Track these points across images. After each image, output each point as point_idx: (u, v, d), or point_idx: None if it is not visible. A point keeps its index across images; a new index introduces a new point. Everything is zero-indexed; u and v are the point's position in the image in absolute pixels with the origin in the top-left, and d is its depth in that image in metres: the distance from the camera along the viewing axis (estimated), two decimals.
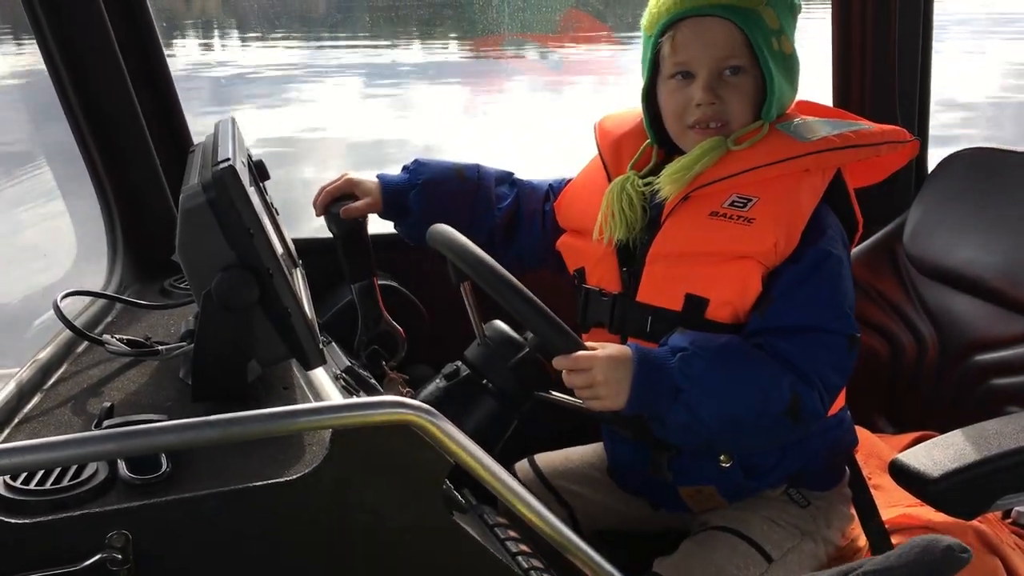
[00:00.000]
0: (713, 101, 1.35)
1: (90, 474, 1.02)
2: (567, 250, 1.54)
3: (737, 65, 1.34)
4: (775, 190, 1.31)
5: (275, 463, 1.06)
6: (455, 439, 1.02)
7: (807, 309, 1.29)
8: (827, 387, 1.29)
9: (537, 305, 1.22)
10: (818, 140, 1.32)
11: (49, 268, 2.65)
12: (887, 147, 1.38)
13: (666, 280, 1.35)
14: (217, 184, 1.13)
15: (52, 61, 1.75)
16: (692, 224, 1.34)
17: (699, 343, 1.26)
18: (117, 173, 1.83)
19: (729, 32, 1.33)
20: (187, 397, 1.24)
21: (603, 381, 1.22)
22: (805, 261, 1.29)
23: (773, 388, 1.25)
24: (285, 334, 1.20)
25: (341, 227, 1.61)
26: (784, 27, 1.36)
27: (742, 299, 1.30)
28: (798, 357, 1.27)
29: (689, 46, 1.35)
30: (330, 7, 13.51)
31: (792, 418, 1.26)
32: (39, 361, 1.32)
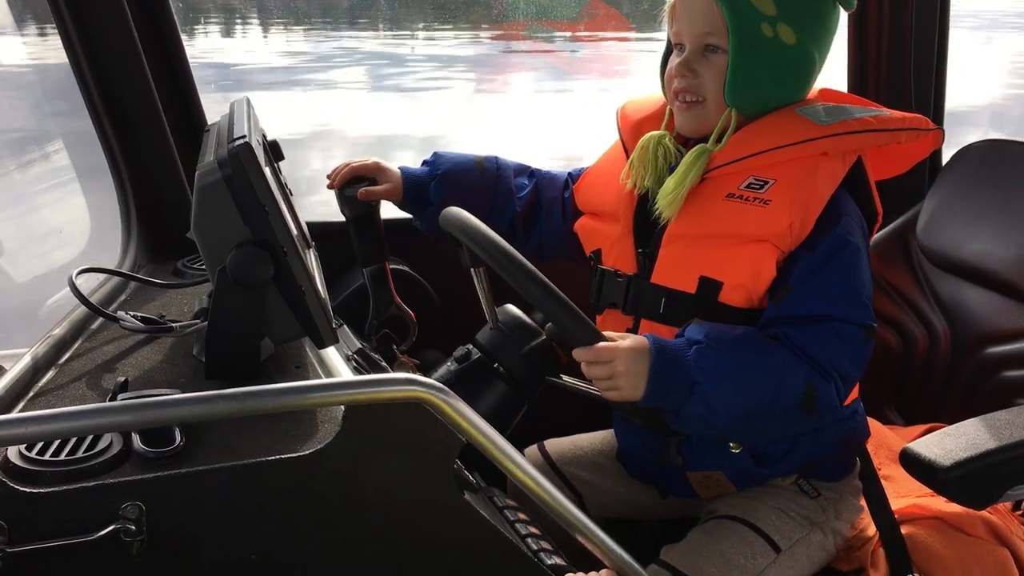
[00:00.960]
0: (686, 74, 1.35)
1: (104, 446, 1.03)
2: (584, 232, 1.54)
3: (714, 44, 1.34)
4: (792, 172, 1.31)
5: (287, 439, 1.07)
6: (467, 417, 1.03)
7: (823, 298, 1.28)
8: (843, 378, 1.28)
9: (557, 295, 1.22)
10: (836, 123, 1.32)
11: (63, 247, 2.66)
12: (907, 134, 1.37)
13: (681, 262, 1.35)
14: (233, 161, 1.14)
15: (70, 41, 1.76)
16: (709, 205, 1.34)
17: (714, 336, 1.26)
18: (132, 153, 1.83)
19: (710, 9, 1.32)
20: (200, 374, 1.24)
21: (624, 372, 1.22)
22: (822, 249, 1.29)
23: (787, 381, 1.25)
24: (298, 312, 1.20)
25: (354, 210, 1.62)
26: (783, 15, 1.32)
27: (756, 283, 1.30)
28: (813, 348, 1.27)
29: (679, 18, 1.37)
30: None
31: (807, 410, 1.26)
32: (53, 336, 1.33)
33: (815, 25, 1.37)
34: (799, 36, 1.34)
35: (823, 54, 1.40)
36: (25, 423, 0.89)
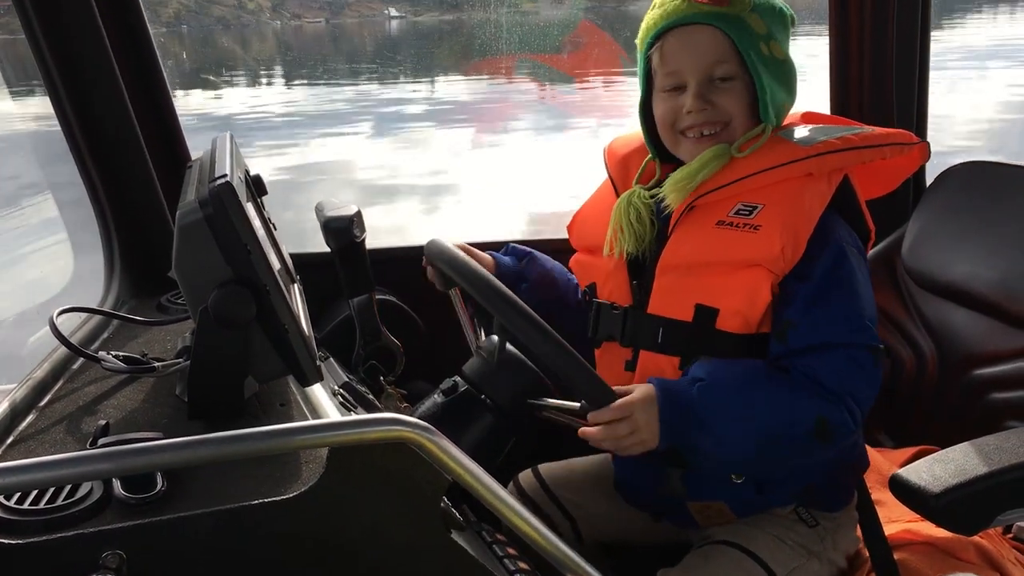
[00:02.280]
0: (704, 107, 1.35)
1: (84, 493, 1.01)
2: (579, 267, 1.56)
3: (726, 72, 1.35)
4: (779, 195, 1.31)
5: (271, 481, 1.06)
6: (452, 456, 1.02)
7: (826, 327, 1.28)
8: (857, 401, 1.28)
9: (571, 354, 1.22)
10: (818, 143, 1.32)
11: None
12: (891, 149, 1.37)
13: (676, 291, 1.35)
14: (214, 200, 1.13)
15: (50, 78, 1.75)
16: (699, 234, 1.34)
17: (716, 373, 1.27)
18: (115, 189, 1.83)
19: (715, 39, 1.34)
20: (183, 414, 1.23)
21: (644, 424, 1.23)
22: (817, 278, 1.29)
23: (797, 412, 1.25)
24: (282, 350, 1.19)
25: (339, 241, 1.61)
26: (773, 32, 1.36)
27: (752, 308, 1.30)
28: (824, 375, 1.27)
29: (677, 56, 1.36)
30: (380, 48, 14.05)
31: (821, 439, 1.26)
32: (34, 379, 1.32)
33: (787, 38, 1.40)
34: (784, 50, 1.38)
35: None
36: (4, 473, 0.88)
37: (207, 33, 14.29)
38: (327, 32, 14.19)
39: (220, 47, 13.22)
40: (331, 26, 14.20)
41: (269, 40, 13.62)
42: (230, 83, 12.53)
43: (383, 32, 14.48)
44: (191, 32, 13.91)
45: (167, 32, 13.00)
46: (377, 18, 13.96)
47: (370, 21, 14.03)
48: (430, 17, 11.98)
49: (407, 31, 13.68)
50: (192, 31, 13.74)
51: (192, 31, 13.74)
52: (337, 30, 14.35)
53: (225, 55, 13.26)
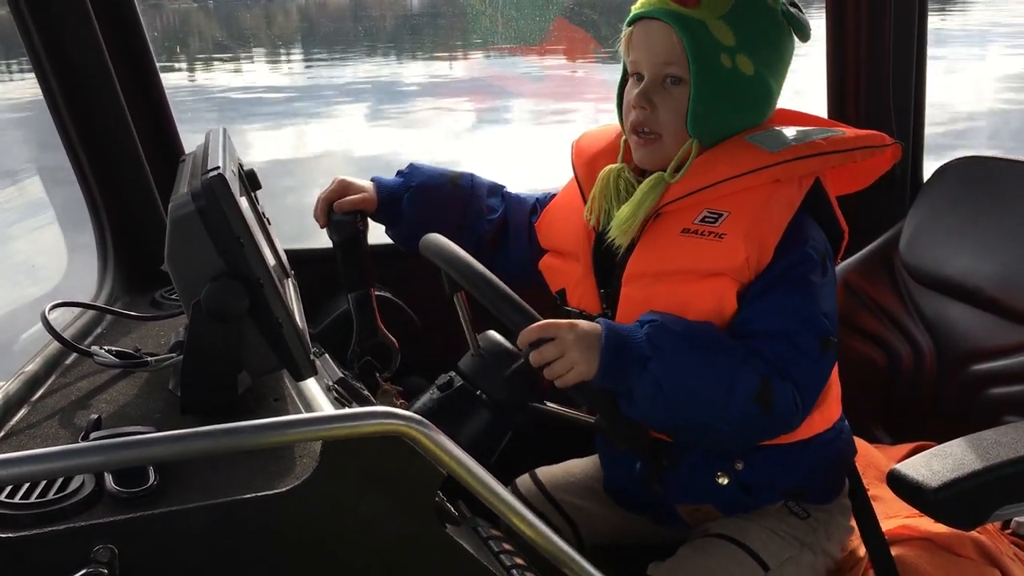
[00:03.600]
0: (644, 107, 1.33)
1: (76, 487, 1.00)
2: (548, 270, 1.53)
3: (673, 74, 1.32)
4: (745, 203, 1.29)
5: (264, 475, 1.05)
6: (447, 450, 1.01)
7: (776, 315, 1.26)
8: (798, 387, 1.25)
9: (494, 282, 1.25)
10: (785, 149, 1.30)
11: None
12: (863, 152, 1.36)
13: (643, 300, 1.33)
14: (206, 193, 1.12)
15: (42, 70, 1.74)
16: (665, 242, 1.32)
17: (668, 318, 1.25)
18: (107, 183, 1.81)
19: (670, 39, 1.31)
20: (176, 409, 1.22)
21: (573, 343, 1.20)
22: (774, 270, 1.27)
23: (742, 371, 1.23)
24: (276, 345, 1.19)
25: (341, 234, 1.60)
26: (743, 46, 1.32)
27: (719, 317, 1.28)
28: (770, 355, 1.25)
29: (637, 47, 1.35)
30: (399, 25, 14.28)
31: (763, 407, 1.22)
32: (25, 374, 1.31)
33: (772, 56, 1.36)
34: (757, 67, 1.34)
35: (779, 83, 1.39)
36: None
37: (232, 8, 14.38)
38: (349, 8, 14.28)
39: (245, 22, 13.39)
40: (354, 2, 14.28)
41: (293, 16, 13.75)
42: (251, 59, 12.67)
43: (404, 9, 14.56)
44: (217, 6, 14.00)
45: (195, 7, 13.13)
46: None
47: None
48: None
49: (427, 7, 13.78)
50: (218, 5, 13.84)
51: (218, 5, 13.84)
52: (361, 8, 14.43)
53: (250, 29, 13.42)
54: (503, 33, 11.31)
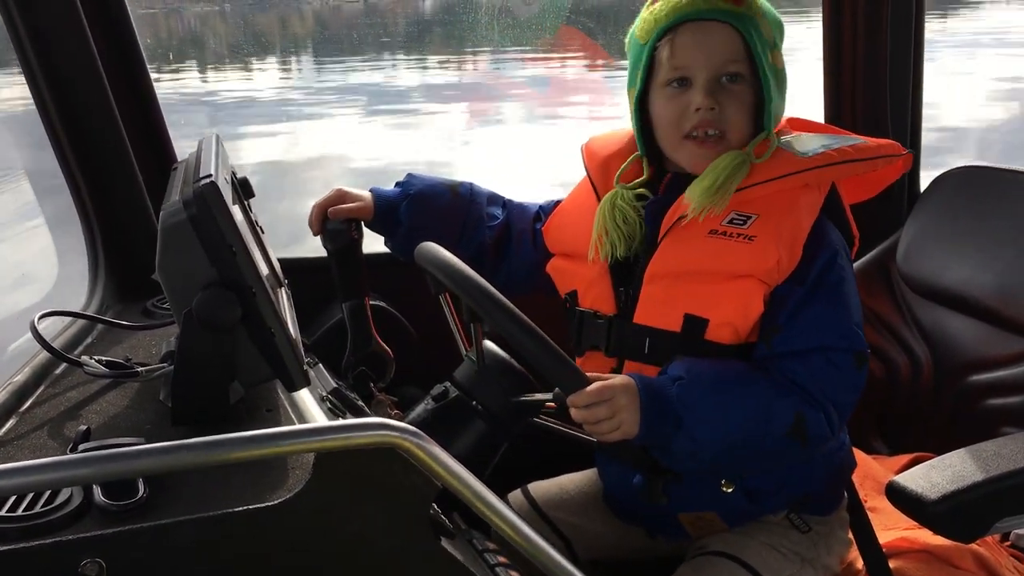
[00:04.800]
0: (712, 106, 1.31)
1: (64, 500, 0.99)
2: (557, 273, 1.51)
3: (736, 72, 1.32)
4: (774, 206, 1.30)
5: (257, 487, 1.03)
6: (442, 462, 0.99)
7: (813, 332, 1.27)
8: (836, 406, 1.27)
9: (544, 340, 1.19)
10: (818, 155, 1.30)
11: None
12: (883, 161, 1.36)
13: (664, 300, 1.33)
14: (198, 201, 1.11)
15: (33, 76, 1.73)
16: (691, 242, 1.31)
17: (695, 371, 1.25)
18: (99, 191, 1.80)
19: (730, 37, 1.31)
20: (167, 420, 1.20)
21: (625, 406, 1.20)
22: (809, 282, 1.28)
23: (774, 411, 1.24)
24: (268, 355, 1.17)
25: (335, 243, 1.59)
26: (776, 41, 1.35)
27: (743, 319, 1.28)
28: (804, 378, 1.26)
29: (688, 51, 1.32)
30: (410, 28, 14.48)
31: (798, 439, 1.24)
32: (14, 384, 1.29)
33: (782, 46, 1.38)
34: (782, 60, 1.36)
35: None
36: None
37: (248, 12, 14.54)
38: (363, 12, 14.45)
39: (261, 26, 13.68)
40: (367, 5, 14.45)
41: (308, 20, 13.93)
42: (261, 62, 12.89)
43: (416, 12, 14.72)
44: (233, 10, 14.15)
45: (211, 11, 13.31)
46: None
47: (403, 1, 14.43)
48: None
49: (439, 10, 13.93)
50: (235, 9, 13.98)
51: (235, 9, 13.98)
52: (374, 12, 14.59)
53: (264, 34, 13.66)
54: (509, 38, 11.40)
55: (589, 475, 1.63)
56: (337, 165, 7.67)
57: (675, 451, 1.24)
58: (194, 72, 12.34)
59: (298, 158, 7.89)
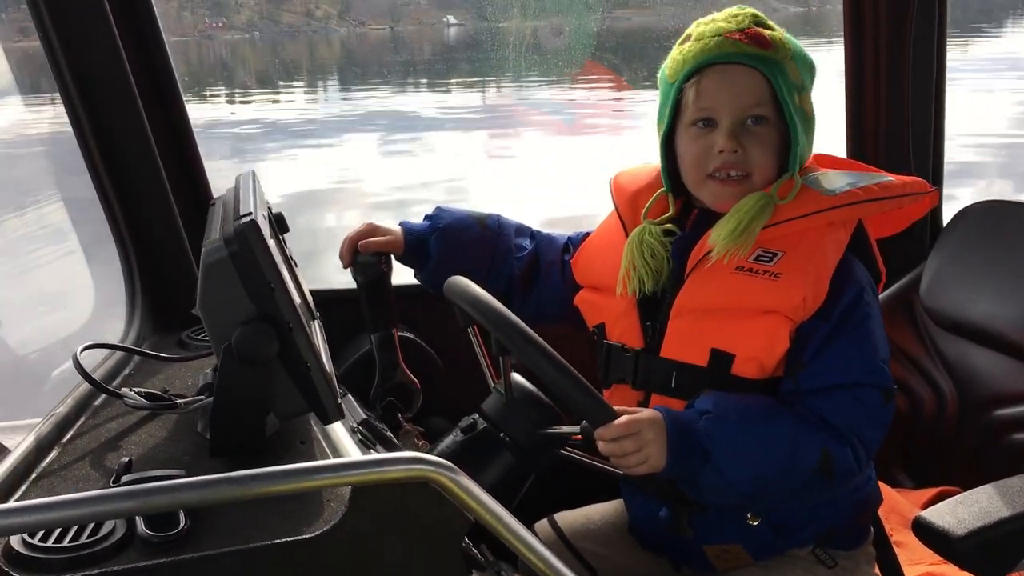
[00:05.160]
0: (736, 149, 1.34)
1: (108, 531, 1.01)
2: (586, 306, 1.53)
3: (761, 114, 1.34)
4: (800, 243, 1.31)
5: (294, 519, 1.06)
6: (474, 496, 1.02)
7: (839, 369, 1.28)
8: (863, 442, 1.28)
9: (571, 372, 1.21)
10: (844, 193, 1.32)
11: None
12: (909, 199, 1.38)
13: (691, 335, 1.35)
14: (239, 238, 1.14)
15: (74, 113, 1.77)
16: (718, 278, 1.33)
17: (723, 405, 1.26)
18: (137, 225, 1.84)
19: (755, 81, 1.33)
20: (205, 451, 1.23)
21: (652, 439, 1.22)
22: (834, 319, 1.29)
23: (801, 448, 1.25)
24: (304, 388, 1.20)
25: (365, 275, 1.61)
26: (805, 84, 1.37)
27: (769, 355, 1.30)
28: (831, 414, 1.27)
29: (714, 92, 1.35)
30: (436, 54, 14.71)
31: (825, 475, 1.25)
32: (57, 415, 1.32)
33: (811, 89, 1.40)
34: (811, 103, 1.39)
35: None
36: (28, 511, 0.88)
37: (277, 39, 14.86)
38: (390, 39, 14.75)
39: (289, 53, 14.09)
40: (394, 32, 14.76)
41: (335, 46, 14.26)
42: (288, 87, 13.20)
43: (441, 39, 14.99)
44: (263, 38, 14.45)
45: (241, 38, 13.62)
46: (437, 25, 14.54)
47: (430, 28, 14.69)
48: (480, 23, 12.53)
49: (463, 38, 14.19)
50: (264, 37, 14.27)
51: (264, 37, 14.27)
52: (399, 39, 14.90)
53: (292, 60, 14.01)
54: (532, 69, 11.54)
55: (615, 506, 1.64)
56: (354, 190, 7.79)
57: (702, 485, 1.25)
58: (221, 99, 12.56)
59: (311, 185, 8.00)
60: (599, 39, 10.30)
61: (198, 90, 11.71)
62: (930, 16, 2.04)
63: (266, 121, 10.90)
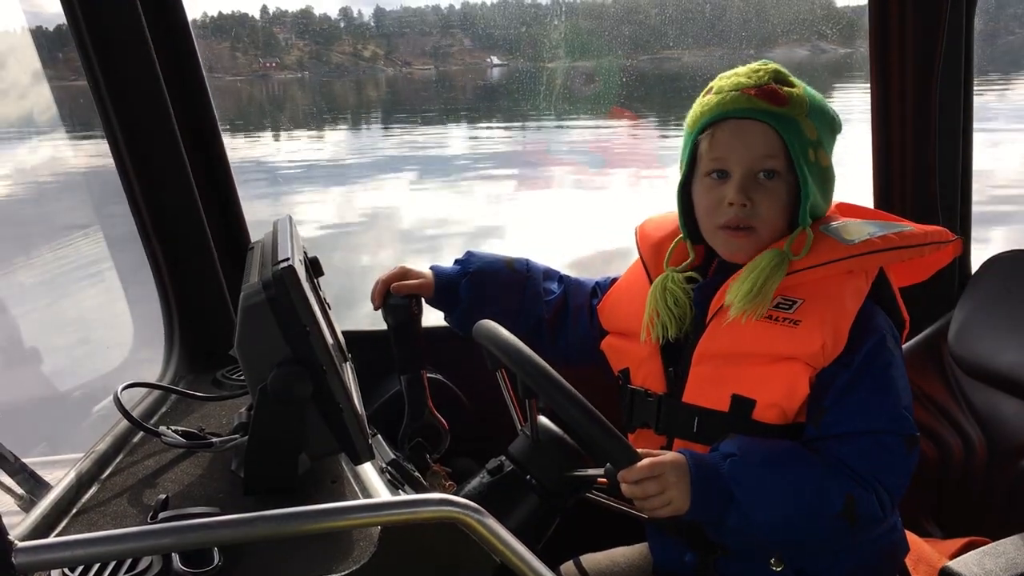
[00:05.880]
0: (744, 203, 1.36)
1: (145, 566, 1.04)
2: (611, 351, 1.56)
3: (772, 168, 1.36)
4: (820, 291, 1.33)
5: (324, 557, 1.08)
6: (501, 538, 1.03)
7: (861, 416, 1.29)
8: (887, 489, 1.29)
9: (592, 413, 1.23)
10: (862, 243, 1.34)
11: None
12: (931, 248, 1.40)
13: (712, 381, 1.37)
14: (277, 283, 1.18)
15: (120, 156, 1.84)
16: (738, 325, 1.35)
17: (748, 448, 1.28)
18: (176, 267, 1.90)
19: (767, 136, 1.36)
20: (239, 489, 1.26)
21: (675, 483, 1.24)
22: (855, 366, 1.30)
23: (826, 492, 1.26)
24: (336, 428, 1.23)
25: (396, 317, 1.65)
26: (822, 140, 1.39)
27: (789, 401, 1.31)
28: (854, 460, 1.28)
29: (727, 145, 1.38)
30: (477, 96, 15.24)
31: (849, 520, 1.26)
32: (96, 452, 1.36)
33: (832, 145, 1.42)
34: (829, 157, 1.40)
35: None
36: (70, 547, 0.91)
37: (327, 79, 15.32)
38: (434, 80, 15.16)
39: (336, 92, 14.70)
40: (439, 72, 15.15)
41: (382, 86, 14.75)
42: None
43: (484, 79, 15.38)
44: (312, 78, 14.88)
45: (291, 78, 14.16)
46: (481, 66, 14.92)
47: (473, 68, 15.07)
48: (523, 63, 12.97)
49: (506, 78, 14.51)
50: (314, 77, 14.68)
51: (314, 77, 14.68)
52: (444, 79, 15.30)
53: (337, 100, 14.60)
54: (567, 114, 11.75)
55: (641, 549, 1.65)
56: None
57: (726, 527, 1.27)
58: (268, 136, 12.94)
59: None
60: (633, 83, 10.41)
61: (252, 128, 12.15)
62: (956, 58, 2.05)
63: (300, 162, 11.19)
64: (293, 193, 8.74)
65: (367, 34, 13.78)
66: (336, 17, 13.91)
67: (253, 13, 14.51)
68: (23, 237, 3.90)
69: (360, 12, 15.49)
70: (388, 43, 13.79)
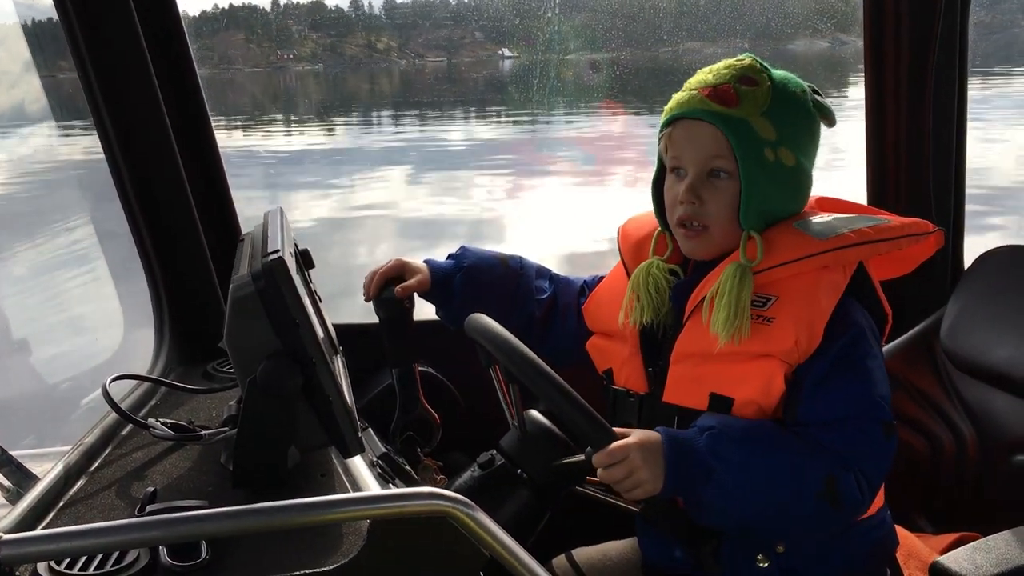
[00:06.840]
0: (693, 201, 1.37)
1: (132, 559, 1.04)
2: (595, 351, 1.56)
3: (720, 168, 1.36)
4: (794, 288, 1.33)
5: (312, 551, 1.07)
6: (491, 532, 1.03)
7: (838, 403, 1.29)
8: (865, 474, 1.28)
9: (572, 396, 1.24)
10: (834, 238, 1.33)
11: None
12: (907, 240, 1.39)
13: (690, 380, 1.37)
14: (267, 275, 1.17)
15: (109, 147, 1.83)
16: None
17: (726, 422, 1.28)
18: (167, 259, 1.89)
19: (716, 137, 1.35)
20: (228, 482, 1.26)
21: (640, 465, 1.23)
22: (830, 356, 1.30)
23: (806, 469, 1.26)
24: (326, 422, 1.22)
25: (388, 311, 1.64)
26: (783, 139, 1.36)
27: (767, 398, 1.31)
28: (836, 443, 1.28)
29: (680, 145, 1.39)
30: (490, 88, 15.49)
31: (830, 501, 1.26)
32: (84, 444, 1.36)
33: (809, 145, 1.41)
34: (797, 157, 1.38)
35: (813, 166, 1.44)
36: (56, 539, 0.91)
37: (341, 71, 15.48)
38: (446, 71, 15.39)
39: (350, 84, 15.11)
40: (451, 64, 15.39)
41: (396, 78, 14.99)
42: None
43: (496, 71, 15.55)
44: (327, 69, 15.03)
45: (305, 70, 14.29)
46: (492, 58, 15.15)
47: (485, 61, 15.31)
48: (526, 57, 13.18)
49: (517, 70, 14.69)
50: (328, 68, 14.83)
51: (328, 68, 14.83)
52: (455, 71, 15.53)
53: (351, 92, 15.00)
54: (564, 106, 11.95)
55: (632, 543, 1.64)
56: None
57: (705, 503, 1.26)
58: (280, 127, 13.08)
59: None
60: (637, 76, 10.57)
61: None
62: (951, 50, 2.05)
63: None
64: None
65: (380, 26, 14.02)
66: (348, 10, 14.16)
67: (264, 5, 14.69)
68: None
69: (371, 4, 15.69)
70: (400, 35, 14.03)
